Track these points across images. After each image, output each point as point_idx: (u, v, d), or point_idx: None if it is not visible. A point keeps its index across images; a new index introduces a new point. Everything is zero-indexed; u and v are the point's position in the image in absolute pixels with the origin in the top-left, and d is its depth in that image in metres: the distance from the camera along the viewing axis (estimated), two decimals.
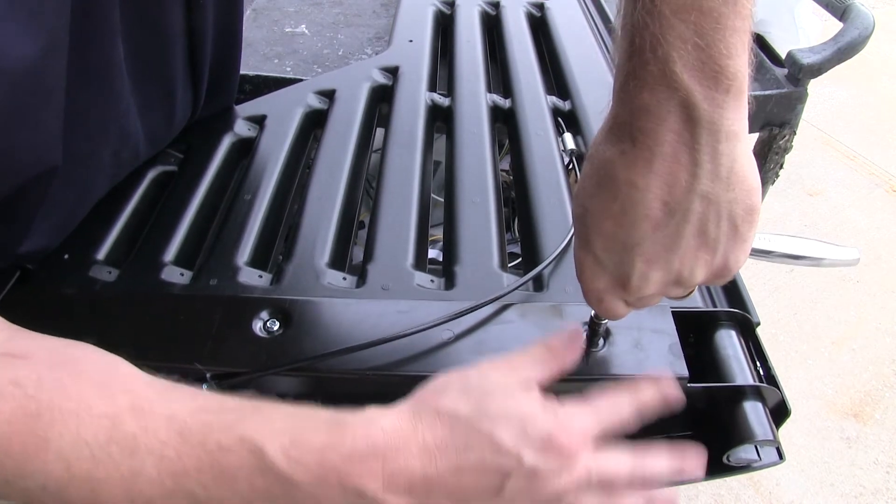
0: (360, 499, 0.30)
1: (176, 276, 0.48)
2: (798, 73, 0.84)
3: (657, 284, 0.32)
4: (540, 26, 0.86)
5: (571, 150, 0.63)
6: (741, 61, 0.26)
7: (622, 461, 0.33)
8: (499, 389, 0.33)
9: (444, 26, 0.86)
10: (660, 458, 0.34)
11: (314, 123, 0.67)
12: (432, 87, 0.71)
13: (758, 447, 0.42)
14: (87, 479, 0.28)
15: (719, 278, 0.32)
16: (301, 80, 0.72)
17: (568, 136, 0.64)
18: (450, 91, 0.71)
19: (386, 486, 0.30)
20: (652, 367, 0.41)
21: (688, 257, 0.30)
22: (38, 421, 0.28)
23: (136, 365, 0.34)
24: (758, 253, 0.39)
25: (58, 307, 0.45)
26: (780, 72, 0.87)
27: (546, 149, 0.62)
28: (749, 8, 0.26)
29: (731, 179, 0.28)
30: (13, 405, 0.28)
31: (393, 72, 0.73)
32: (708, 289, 0.51)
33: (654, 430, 0.44)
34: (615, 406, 0.34)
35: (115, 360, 0.33)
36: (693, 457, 0.35)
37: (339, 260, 0.51)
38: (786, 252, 0.39)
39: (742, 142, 0.28)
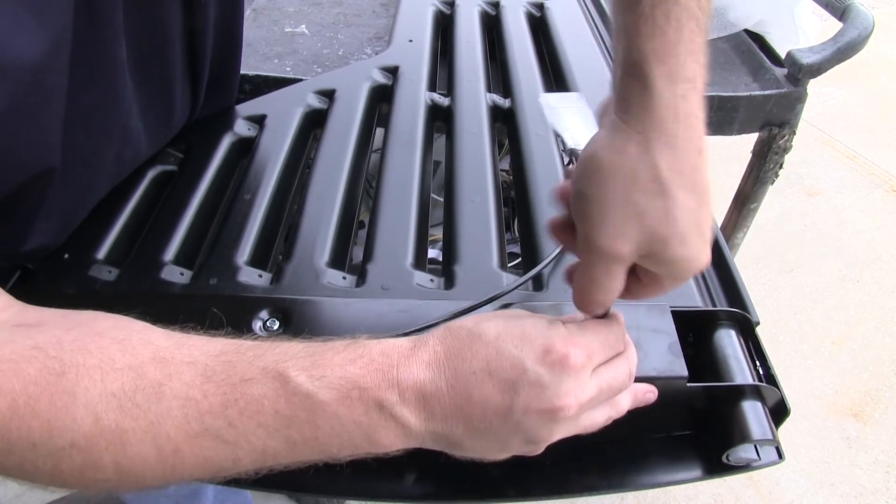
0: (380, 413, 0.30)
1: (176, 275, 0.48)
2: (798, 73, 0.84)
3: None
4: (540, 26, 0.86)
5: (571, 150, 0.63)
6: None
7: (619, 366, 0.34)
8: (511, 312, 0.34)
9: (444, 26, 0.86)
10: (632, 351, 0.36)
11: (314, 123, 0.67)
12: (432, 87, 0.72)
13: (757, 447, 0.42)
14: (115, 429, 0.29)
15: None
16: (301, 80, 0.72)
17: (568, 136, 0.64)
18: (449, 91, 0.71)
19: (401, 398, 0.30)
20: (651, 367, 0.41)
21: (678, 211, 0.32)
22: (63, 378, 0.28)
23: None
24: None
25: (58, 307, 0.45)
26: (780, 72, 0.87)
27: (546, 148, 0.62)
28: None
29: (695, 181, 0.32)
30: (37, 367, 0.28)
31: (393, 72, 0.73)
32: (708, 289, 0.51)
33: (653, 429, 0.45)
34: (618, 336, 0.35)
35: (127, 318, 0.34)
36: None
37: (339, 259, 0.51)
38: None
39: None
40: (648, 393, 0.38)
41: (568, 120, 0.44)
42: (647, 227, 0.31)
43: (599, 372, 0.33)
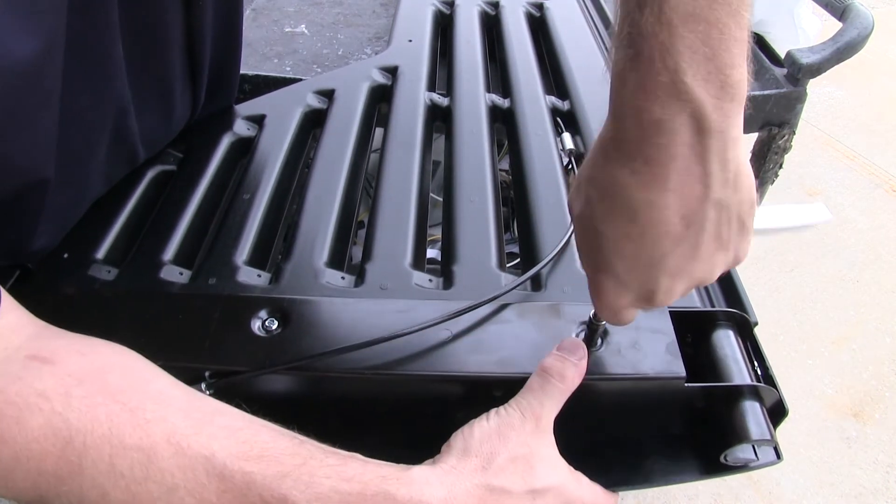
0: None
1: (175, 275, 0.49)
2: (797, 73, 0.84)
3: (680, 293, 0.32)
4: (539, 26, 0.86)
5: (570, 150, 0.63)
6: (743, 70, 0.27)
7: None
8: (539, 460, 0.35)
9: (444, 26, 0.86)
10: None
11: (313, 123, 0.67)
12: (431, 87, 0.72)
13: (755, 447, 0.42)
14: None
15: (731, 268, 0.34)
16: (300, 80, 0.72)
17: (567, 136, 0.64)
18: (449, 91, 0.71)
19: None
20: (649, 367, 0.41)
21: (707, 262, 0.31)
22: (69, 445, 0.28)
23: None
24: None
25: (57, 306, 0.46)
26: (780, 72, 0.87)
27: (545, 149, 0.62)
28: (747, 18, 0.26)
29: (737, 182, 0.29)
30: (41, 421, 0.28)
31: (392, 71, 0.73)
32: (706, 289, 0.51)
33: (652, 429, 0.45)
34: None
35: (143, 366, 0.33)
36: None
37: (338, 259, 0.51)
38: (768, 227, 0.39)
39: (742, 144, 0.29)
40: None
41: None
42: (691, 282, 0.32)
43: None
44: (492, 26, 0.87)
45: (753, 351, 0.44)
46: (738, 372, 0.42)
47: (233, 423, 0.32)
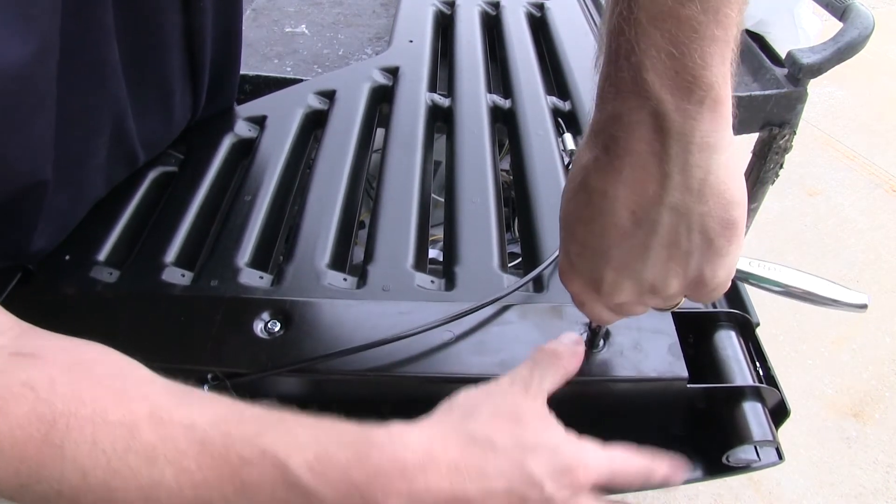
0: None
1: (177, 276, 0.48)
2: (798, 73, 0.84)
3: (629, 293, 0.32)
4: (540, 26, 0.86)
5: (571, 151, 0.63)
6: (719, 71, 0.25)
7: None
8: (528, 416, 0.34)
9: (444, 26, 0.86)
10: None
11: (314, 124, 0.67)
12: (432, 88, 0.72)
13: (757, 447, 0.42)
14: (104, 487, 0.28)
15: (702, 294, 0.32)
16: (301, 81, 0.72)
17: (568, 137, 0.64)
18: (450, 91, 0.71)
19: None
20: (651, 368, 0.41)
21: (658, 268, 0.30)
22: (52, 427, 0.28)
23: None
24: (751, 278, 0.38)
25: (59, 308, 0.46)
26: (780, 72, 0.87)
27: (546, 149, 0.62)
28: (733, 17, 0.25)
29: (703, 192, 0.27)
30: (26, 409, 0.28)
31: (393, 72, 0.73)
32: None
33: (653, 430, 0.45)
34: (627, 461, 0.36)
35: (129, 361, 0.33)
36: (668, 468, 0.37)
37: (340, 261, 0.51)
38: (787, 284, 0.37)
39: (720, 153, 0.27)
40: None
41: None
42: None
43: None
44: (492, 26, 0.87)
45: (755, 351, 0.45)
46: (740, 373, 0.42)
47: (211, 398, 0.32)
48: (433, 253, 0.79)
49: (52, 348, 0.32)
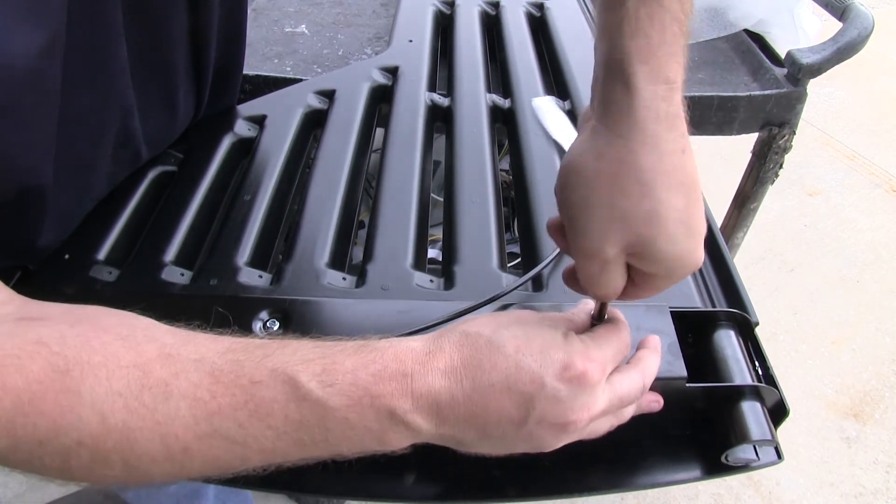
0: (391, 420, 0.30)
1: (176, 276, 0.49)
2: (798, 73, 0.84)
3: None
4: (540, 26, 0.86)
5: None
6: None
7: (634, 380, 0.35)
8: (524, 317, 0.34)
9: (444, 26, 0.86)
10: (653, 364, 0.36)
11: (314, 123, 0.67)
12: (432, 87, 0.72)
13: (756, 447, 0.42)
14: (122, 429, 0.28)
15: None
16: (301, 80, 0.72)
17: None
18: (449, 91, 0.71)
19: (414, 406, 0.30)
20: None
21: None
22: (67, 376, 0.28)
23: None
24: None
25: None
26: (780, 72, 0.87)
27: (545, 149, 0.62)
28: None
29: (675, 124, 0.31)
30: (41, 363, 0.28)
31: (393, 72, 0.73)
32: (707, 289, 0.51)
33: (652, 429, 0.45)
34: (627, 342, 0.36)
35: (130, 314, 0.33)
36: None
37: (339, 260, 0.51)
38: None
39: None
40: (653, 402, 0.38)
41: (558, 122, 0.44)
42: (633, 230, 0.31)
43: (613, 384, 0.34)
44: (492, 26, 0.87)
45: (754, 351, 0.45)
46: (739, 372, 0.42)
47: (216, 335, 0.33)
48: (432, 253, 0.79)
49: (55, 310, 0.32)
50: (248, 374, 0.30)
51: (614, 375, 0.34)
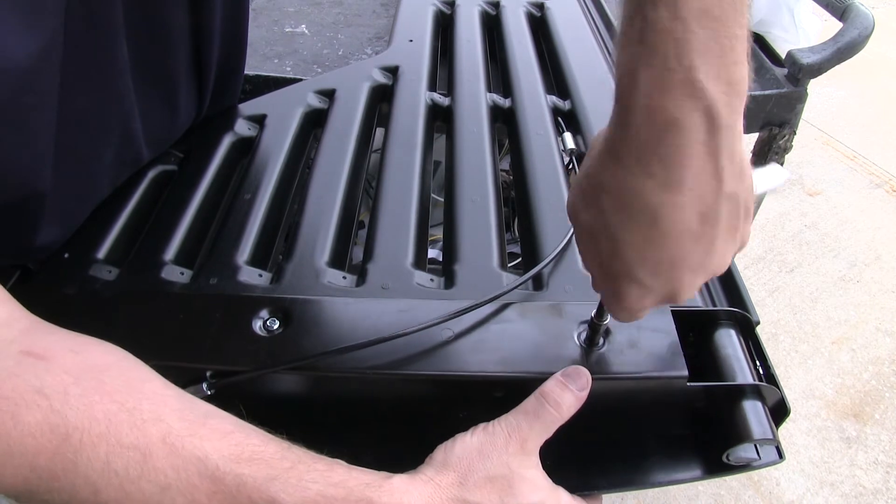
0: None
1: (176, 274, 0.48)
2: (798, 73, 0.84)
3: (699, 285, 0.32)
4: (540, 26, 0.86)
5: (571, 150, 0.63)
6: (745, 66, 0.27)
7: None
8: (518, 480, 0.35)
9: (444, 26, 0.86)
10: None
11: (314, 123, 0.67)
12: (432, 87, 0.71)
13: (757, 446, 0.42)
14: None
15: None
16: (301, 80, 0.72)
17: (568, 136, 0.64)
18: (450, 91, 0.71)
19: None
20: (651, 366, 0.41)
21: (721, 253, 0.31)
22: (65, 442, 0.28)
23: None
24: None
25: (58, 307, 0.45)
26: (780, 72, 0.87)
27: (546, 148, 0.62)
28: (748, 17, 0.27)
29: (743, 173, 0.29)
30: (38, 417, 0.28)
31: (393, 71, 0.73)
32: (708, 288, 0.51)
33: (653, 428, 0.45)
34: None
35: (138, 367, 0.33)
36: None
37: (339, 259, 0.51)
38: None
39: (743, 135, 0.29)
40: None
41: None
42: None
43: None
44: (492, 26, 0.86)
45: (755, 350, 0.44)
46: (741, 371, 0.42)
47: (224, 426, 0.33)
48: (433, 253, 0.79)
49: (61, 349, 0.32)
50: (249, 494, 0.30)
51: None
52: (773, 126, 0.88)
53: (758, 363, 0.44)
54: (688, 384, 0.40)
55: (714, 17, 0.25)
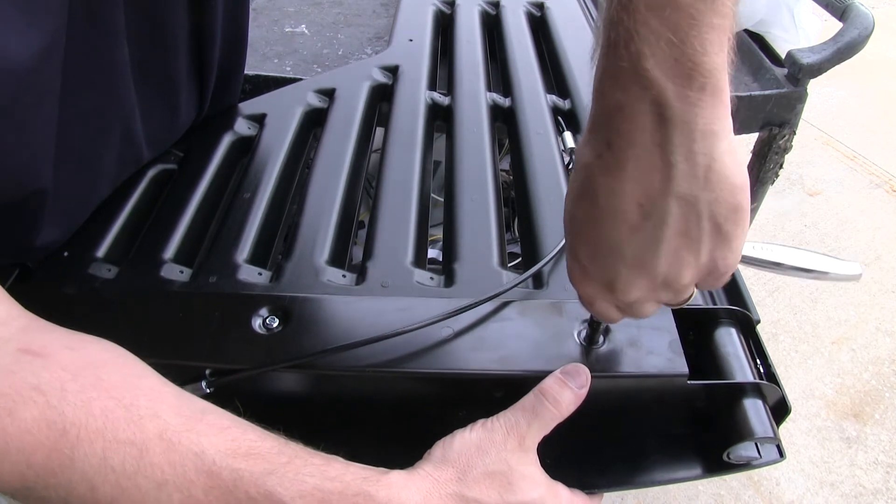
0: None
1: (175, 273, 0.48)
2: (798, 73, 0.84)
3: (643, 288, 0.31)
4: (540, 26, 0.86)
5: (571, 149, 0.63)
6: (718, 59, 0.25)
7: None
8: (517, 476, 0.35)
9: (444, 26, 0.86)
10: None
11: (314, 122, 0.67)
12: (432, 87, 0.71)
13: (758, 444, 0.42)
14: (110, 502, 0.29)
15: (711, 281, 0.32)
16: (301, 80, 0.72)
17: (568, 135, 0.64)
18: (450, 90, 0.71)
19: None
20: (652, 365, 0.41)
21: (670, 259, 0.29)
22: (63, 437, 0.28)
23: None
24: (754, 262, 0.38)
25: (57, 305, 0.45)
26: (780, 72, 0.87)
27: (546, 148, 0.62)
28: (729, 6, 0.25)
29: (709, 178, 0.27)
30: (35, 414, 0.28)
31: (393, 71, 0.73)
32: None
33: (653, 427, 0.45)
34: None
35: (135, 364, 0.33)
36: None
37: (339, 257, 0.51)
38: (786, 263, 0.38)
39: (722, 140, 0.27)
40: None
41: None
42: None
43: None
44: (492, 26, 0.87)
45: (755, 348, 0.44)
46: (741, 369, 0.42)
47: (221, 421, 0.33)
48: (432, 253, 0.79)
49: (59, 346, 0.32)
50: (245, 488, 0.30)
51: None
52: (773, 126, 0.88)
53: (758, 361, 0.44)
54: (688, 382, 0.40)
55: (672, 6, 0.24)
